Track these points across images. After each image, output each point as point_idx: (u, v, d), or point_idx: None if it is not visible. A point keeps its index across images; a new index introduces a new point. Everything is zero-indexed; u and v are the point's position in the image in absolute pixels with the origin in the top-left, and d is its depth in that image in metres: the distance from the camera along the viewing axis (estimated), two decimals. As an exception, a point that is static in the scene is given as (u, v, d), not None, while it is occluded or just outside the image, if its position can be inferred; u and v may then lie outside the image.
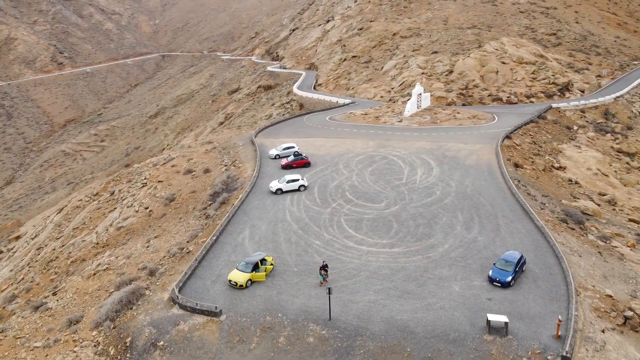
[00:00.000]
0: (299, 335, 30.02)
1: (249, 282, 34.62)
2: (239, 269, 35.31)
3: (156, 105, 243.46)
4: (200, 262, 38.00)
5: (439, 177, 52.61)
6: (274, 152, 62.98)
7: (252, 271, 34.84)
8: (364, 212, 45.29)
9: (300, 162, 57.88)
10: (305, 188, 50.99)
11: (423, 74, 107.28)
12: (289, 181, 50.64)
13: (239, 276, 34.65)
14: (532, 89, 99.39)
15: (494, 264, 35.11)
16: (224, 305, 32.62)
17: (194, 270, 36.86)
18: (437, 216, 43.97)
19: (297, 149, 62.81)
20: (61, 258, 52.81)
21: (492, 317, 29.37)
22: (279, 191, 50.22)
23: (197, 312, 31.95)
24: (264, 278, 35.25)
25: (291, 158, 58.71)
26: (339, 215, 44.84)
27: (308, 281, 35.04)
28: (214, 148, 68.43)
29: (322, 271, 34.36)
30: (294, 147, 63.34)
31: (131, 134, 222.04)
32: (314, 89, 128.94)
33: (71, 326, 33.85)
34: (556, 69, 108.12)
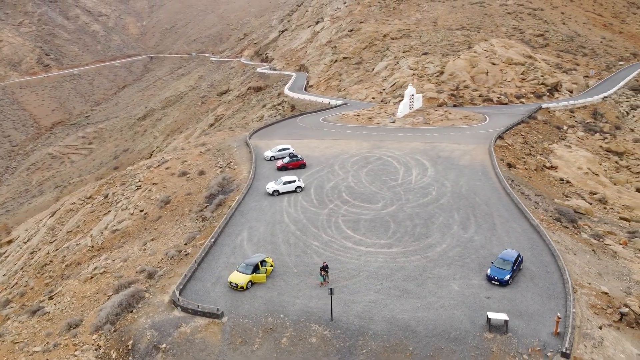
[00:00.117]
0: (301, 335, 30.14)
1: (250, 283, 34.66)
2: (239, 270, 35.33)
3: (144, 107, 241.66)
4: (200, 264, 37.96)
5: (434, 178, 53.03)
6: (269, 153, 62.97)
7: (253, 273, 34.88)
8: (361, 213, 45.54)
9: (295, 164, 57.98)
10: (302, 189, 51.11)
11: (414, 75, 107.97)
12: (285, 182, 50.69)
13: (239, 278, 34.67)
14: (521, 89, 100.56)
15: (491, 262, 35.49)
16: (225, 307, 32.64)
17: (194, 272, 36.81)
18: (433, 216, 44.36)
19: (292, 150, 62.82)
20: (55, 262, 52.34)
21: (492, 315, 29.77)
22: (276, 192, 50.26)
23: (199, 314, 31.93)
24: (264, 279, 35.32)
25: (287, 159, 58.73)
26: (336, 216, 45.03)
27: (308, 282, 35.18)
28: (208, 150, 68.25)
29: (323, 272, 34.51)
30: (289, 148, 63.36)
31: (119, 136, 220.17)
32: (305, 90, 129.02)
33: (70, 330, 33.63)
34: (545, 70, 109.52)
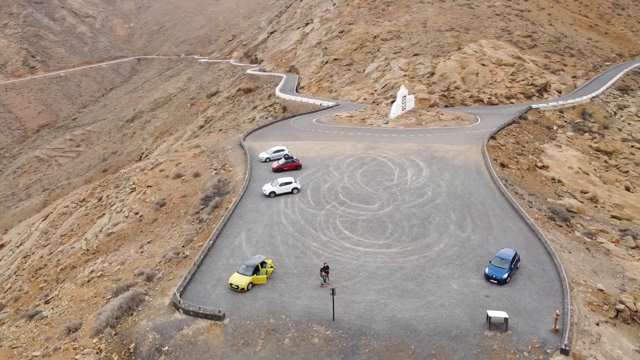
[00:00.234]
0: (303, 336, 30.25)
1: (250, 285, 34.69)
2: (239, 272, 35.35)
3: (133, 109, 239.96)
4: (199, 266, 37.92)
5: (429, 178, 53.47)
6: (264, 155, 63.01)
7: (253, 274, 34.93)
8: (358, 214, 45.80)
9: (291, 165, 58.10)
10: (299, 191, 51.24)
11: (405, 76, 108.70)
12: (282, 184, 50.77)
13: (240, 279, 34.71)
14: (511, 90, 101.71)
15: (489, 261, 35.91)
16: (226, 308, 32.63)
17: (194, 274, 36.77)
18: (430, 216, 44.76)
19: (288, 152, 62.92)
20: (50, 266, 51.88)
21: (492, 313, 30.15)
22: (273, 194, 50.32)
23: (201, 316, 31.90)
24: (264, 281, 35.39)
25: (282, 161, 58.83)
26: (334, 217, 45.23)
27: (308, 283, 35.34)
28: (202, 152, 68.07)
29: (323, 273, 34.67)
30: (284, 150, 63.43)
31: (108, 138, 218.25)
32: (296, 91, 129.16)
33: (70, 334, 33.35)
34: (534, 71, 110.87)
